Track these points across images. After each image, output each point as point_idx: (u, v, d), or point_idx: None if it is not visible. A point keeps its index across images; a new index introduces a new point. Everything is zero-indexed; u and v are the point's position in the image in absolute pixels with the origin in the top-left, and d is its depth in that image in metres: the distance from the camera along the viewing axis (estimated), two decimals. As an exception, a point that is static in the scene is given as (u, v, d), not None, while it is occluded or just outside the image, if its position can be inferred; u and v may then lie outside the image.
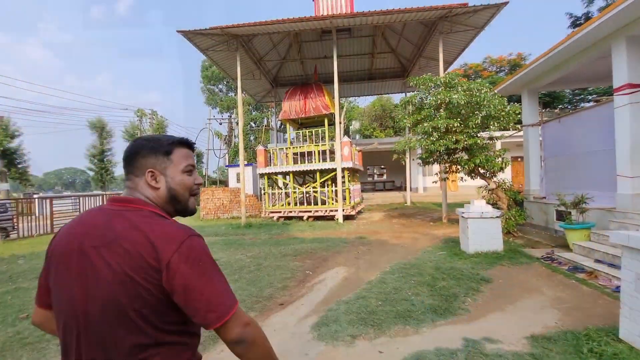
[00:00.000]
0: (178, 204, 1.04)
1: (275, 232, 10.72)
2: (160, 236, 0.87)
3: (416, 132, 8.60)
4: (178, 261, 0.84)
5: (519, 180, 22.55)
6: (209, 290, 0.86)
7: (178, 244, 0.86)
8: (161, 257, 0.84)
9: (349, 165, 12.51)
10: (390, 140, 21.63)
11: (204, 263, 0.88)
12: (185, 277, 0.84)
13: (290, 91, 14.58)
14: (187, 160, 1.05)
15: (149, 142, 1.01)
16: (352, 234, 10.04)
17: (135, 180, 0.99)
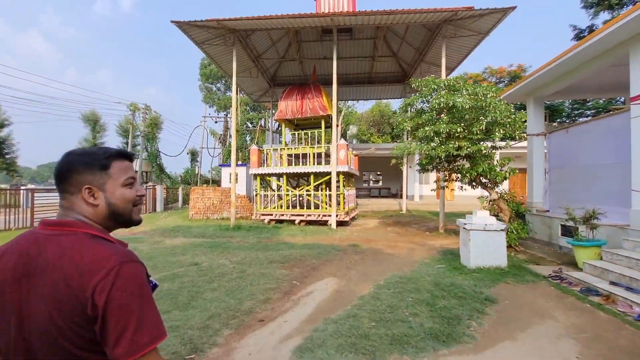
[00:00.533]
0: (120, 217, 1.00)
1: (265, 236, 10.18)
2: (89, 263, 0.84)
3: (416, 137, 8.16)
4: (101, 290, 0.80)
5: (517, 192, 22.25)
6: (125, 320, 0.80)
7: (106, 272, 0.82)
8: (86, 287, 0.81)
9: (344, 170, 12.04)
10: (388, 145, 21.23)
11: (130, 293, 0.83)
12: (105, 305, 0.80)
13: (287, 91, 14.12)
14: (126, 172, 1.01)
15: (83, 156, 0.97)
16: (345, 241, 9.54)
17: (71, 199, 0.95)
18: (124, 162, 1.01)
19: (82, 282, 0.81)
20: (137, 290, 0.85)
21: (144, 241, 9.46)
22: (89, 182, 0.94)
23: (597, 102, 25.68)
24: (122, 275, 0.83)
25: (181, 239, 9.86)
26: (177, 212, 18.71)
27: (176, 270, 6.08)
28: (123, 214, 0.99)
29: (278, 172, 12.90)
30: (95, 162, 0.96)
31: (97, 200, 0.95)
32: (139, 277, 0.87)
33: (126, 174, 1.00)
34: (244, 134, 26.54)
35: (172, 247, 8.35)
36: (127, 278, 0.84)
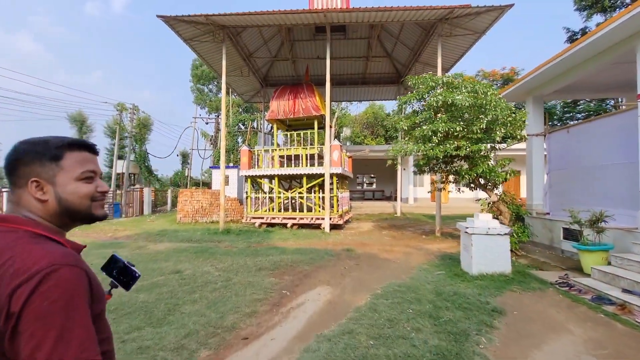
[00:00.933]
0: (76, 214, 0.89)
1: (255, 240, 9.71)
2: (17, 266, 0.73)
3: (413, 137, 7.82)
4: (20, 295, 0.69)
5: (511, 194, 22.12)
6: (40, 335, 0.66)
7: (30, 275, 0.70)
8: (4, 291, 0.70)
9: (338, 171, 11.66)
10: (382, 147, 20.98)
11: (53, 302, 0.69)
12: (20, 314, 0.68)
13: (280, 90, 13.72)
14: (83, 165, 0.90)
15: (33, 145, 0.87)
16: (339, 245, 9.14)
17: (18, 193, 0.86)
18: (82, 154, 0.91)
19: (2, 286, 0.72)
20: (65, 300, 0.71)
21: (126, 246, 8.92)
22: (36, 175, 0.85)
23: (588, 105, 25.85)
24: (50, 281, 0.71)
25: (166, 243, 9.34)
26: (166, 216, 18.10)
27: (156, 278, 5.59)
28: (79, 210, 0.89)
29: (269, 174, 12.46)
30: (45, 152, 0.86)
31: (45, 195, 0.86)
32: (73, 285, 0.74)
33: (83, 166, 0.90)
34: (235, 135, 26.03)
35: (155, 253, 7.84)
36: (56, 284, 0.72)
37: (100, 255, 7.62)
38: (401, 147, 7.95)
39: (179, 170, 31.17)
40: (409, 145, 7.66)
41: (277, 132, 14.38)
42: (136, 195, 19.14)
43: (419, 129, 7.24)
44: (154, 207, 20.95)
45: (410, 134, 7.83)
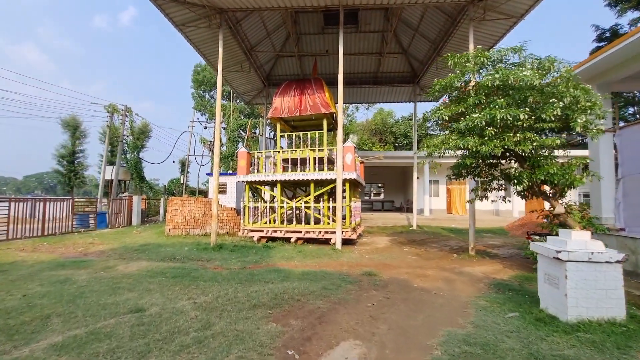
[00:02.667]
0: None
1: (252, 260, 7.92)
2: None
3: (456, 130, 6.11)
4: None
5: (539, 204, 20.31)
6: None
7: None
8: None
9: (351, 177, 9.94)
10: (398, 153, 19.29)
11: None
12: None
13: (284, 86, 12.14)
14: None
15: None
16: (356, 266, 7.35)
17: None
18: None
19: None
20: None
21: (91, 266, 7.14)
22: None
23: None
24: None
25: (142, 262, 7.56)
26: (155, 227, 16.32)
27: (102, 323, 3.82)
28: None
29: (271, 180, 10.74)
30: None
31: None
32: None
33: None
34: (235, 141, 24.50)
35: (120, 278, 6.05)
36: None
37: (51, 279, 5.86)
38: (441, 142, 6.18)
39: (175, 178, 29.51)
40: (450, 140, 5.93)
41: (280, 133, 12.72)
42: (124, 204, 17.42)
43: (468, 117, 5.54)
44: (145, 217, 19.20)
45: (456, 126, 6.10)
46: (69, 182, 32.29)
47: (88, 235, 13.08)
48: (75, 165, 32.26)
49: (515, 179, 5.94)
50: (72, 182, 32.45)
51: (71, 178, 32.19)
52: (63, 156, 31.86)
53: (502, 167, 7.06)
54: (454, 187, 20.26)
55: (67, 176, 32.02)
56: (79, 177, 32.66)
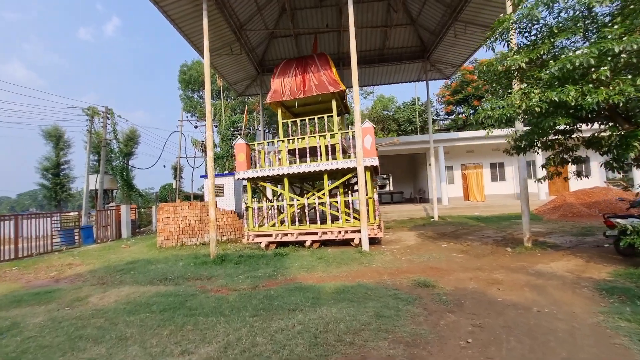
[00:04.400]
0: None
1: (264, 274, 6.28)
2: None
3: (539, 81, 4.44)
4: None
5: (559, 187, 18.89)
6: None
7: None
8: None
9: (373, 163, 8.32)
10: (414, 138, 17.67)
11: None
12: None
13: (283, 65, 10.45)
14: None
15: None
16: (399, 274, 5.75)
17: None
18: None
19: None
20: None
21: (56, 299, 5.45)
22: None
23: None
24: None
25: (124, 289, 5.87)
26: (147, 238, 14.58)
27: None
28: None
29: (277, 174, 9.07)
30: None
31: None
32: None
33: None
34: (229, 139, 22.73)
35: (88, 317, 4.37)
36: None
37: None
38: (520, 98, 4.41)
39: (167, 184, 27.69)
40: (533, 94, 4.24)
41: (283, 120, 10.98)
42: (112, 215, 15.64)
43: (565, 58, 3.89)
44: (136, 228, 17.45)
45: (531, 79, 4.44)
46: (55, 196, 30.38)
47: (69, 254, 11.33)
48: (60, 177, 30.30)
49: (621, 145, 4.31)
50: (59, 196, 30.53)
51: (57, 192, 30.25)
52: (47, 169, 29.88)
53: (579, 134, 5.46)
54: (470, 172, 18.72)
55: (53, 190, 30.08)
56: (65, 190, 30.75)
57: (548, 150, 5.81)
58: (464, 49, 13.00)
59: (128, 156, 30.87)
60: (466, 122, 25.40)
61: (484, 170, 18.71)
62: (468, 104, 25.02)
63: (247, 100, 35.27)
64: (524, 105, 4.26)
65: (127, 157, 30.77)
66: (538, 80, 4.32)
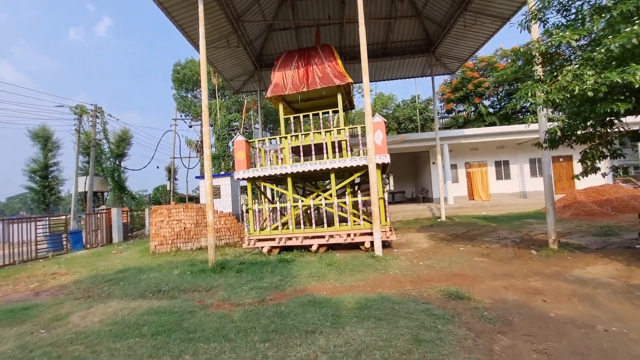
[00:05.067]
0: None
1: (270, 284, 5.62)
2: None
3: (588, 62, 3.85)
4: None
5: (564, 186, 18.48)
6: None
7: None
8: None
9: (385, 161, 7.71)
10: (421, 135, 17.11)
11: None
12: None
13: (284, 57, 9.80)
14: None
15: None
16: (421, 282, 5.14)
17: None
18: None
19: None
20: None
21: (33, 318, 4.73)
22: None
23: None
24: None
25: (112, 304, 5.17)
26: (140, 243, 13.81)
27: None
28: None
29: (280, 174, 8.41)
30: None
31: None
32: None
33: None
34: (225, 139, 22.01)
35: (66, 343, 3.69)
36: None
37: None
38: (572, 79, 3.76)
39: (161, 185, 26.83)
40: (586, 75, 3.62)
41: (285, 116, 10.31)
42: (102, 220, 14.83)
43: (627, 32, 3.30)
44: (128, 232, 16.64)
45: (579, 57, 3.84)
46: (43, 200, 29.30)
47: (54, 262, 10.54)
48: (49, 180, 29.24)
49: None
50: (47, 199, 29.46)
51: (46, 195, 29.20)
52: (35, 171, 28.78)
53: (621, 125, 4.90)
54: (475, 171, 18.22)
55: (42, 193, 29.01)
56: (54, 193, 29.68)
57: (586, 142, 5.24)
58: (471, 42, 12.47)
59: (120, 157, 29.98)
60: (467, 120, 24.95)
61: (488, 169, 18.23)
62: (469, 101, 24.57)
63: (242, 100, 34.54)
64: (577, 89, 3.68)
65: (119, 158, 29.88)
66: (588, 60, 3.74)
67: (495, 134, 16.21)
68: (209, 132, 7.43)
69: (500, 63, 25.64)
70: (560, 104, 4.03)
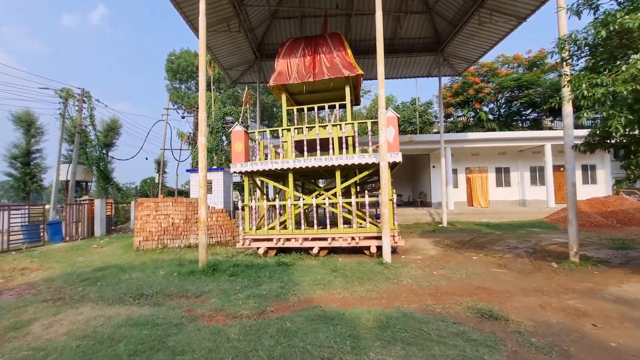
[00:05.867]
0: None
1: (270, 291, 4.94)
2: None
3: None
4: None
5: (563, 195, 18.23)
6: None
7: None
8: None
9: (397, 159, 7.12)
10: (425, 137, 16.61)
11: None
12: None
13: (289, 44, 9.14)
14: None
15: None
16: (443, 296, 4.54)
17: None
18: None
19: None
20: None
21: (-15, 325, 3.96)
22: None
23: None
24: None
25: (85, 310, 4.43)
26: (124, 237, 12.93)
27: None
28: None
29: (281, 168, 7.73)
30: None
31: None
32: None
33: None
34: (219, 132, 21.16)
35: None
36: None
37: None
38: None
39: (149, 177, 25.76)
40: None
41: (287, 107, 9.63)
42: (84, 210, 13.88)
43: None
44: (112, 225, 15.69)
45: None
46: (24, 187, 27.88)
47: (27, 255, 9.64)
48: (31, 167, 27.84)
49: None
50: (28, 187, 28.04)
51: (27, 182, 27.79)
52: (16, 157, 27.36)
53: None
54: (475, 176, 17.84)
55: (22, 180, 27.60)
56: (36, 180, 28.28)
57: (631, 146, 4.74)
58: (482, 41, 12.01)
59: (108, 147, 28.77)
60: (466, 125, 24.65)
61: (489, 175, 17.87)
62: (469, 106, 24.26)
63: (238, 94, 33.65)
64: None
65: (107, 148, 28.68)
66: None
67: (500, 140, 15.87)
68: (205, 119, 6.71)
69: (502, 69, 25.48)
70: (626, 97, 3.48)
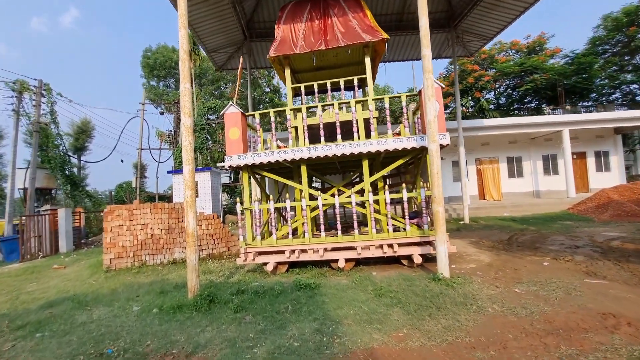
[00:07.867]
0: None
1: (300, 339, 3.21)
2: None
3: None
4: None
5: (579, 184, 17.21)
6: None
7: None
8: None
9: (446, 142, 5.53)
10: None
11: None
12: None
13: (292, 6, 7.39)
14: None
15: None
16: (569, 336, 2.94)
17: None
18: None
19: None
20: None
21: None
22: None
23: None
24: None
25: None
26: (95, 253, 10.83)
27: None
28: None
29: (292, 159, 5.98)
30: None
31: None
32: None
33: None
34: (203, 129, 19.10)
35: None
36: None
37: None
38: None
39: (126, 182, 23.36)
40: None
41: (293, 85, 7.86)
42: (44, 223, 11.67)
43: None
44: (82, 238, 13.48)
45: None
46: (-19, 198, 24.93)
47: (-38, 284, 7.50)
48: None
49: None
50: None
51: (-17, 192, 24.90)
52: (-30, 165, 24.48)
53: None
54: (486, 168, 16.56)
55: (-23, 189, 24.70)
56: (-8, 189, 25.37)
57: None
58: (503, 14, 10.61)
59: (80, 151, 26.13)
60: (466, 115, 23.49)
61: (500, 165, 16.63)
62: (468, 95, 23.11)
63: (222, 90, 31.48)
64: None
65: (80, 152, 26.03)
66: None
67: (517, 126, 14.73)
68: (190, 92, 4.90)
69: (502, 56, 24.46)
70: None
